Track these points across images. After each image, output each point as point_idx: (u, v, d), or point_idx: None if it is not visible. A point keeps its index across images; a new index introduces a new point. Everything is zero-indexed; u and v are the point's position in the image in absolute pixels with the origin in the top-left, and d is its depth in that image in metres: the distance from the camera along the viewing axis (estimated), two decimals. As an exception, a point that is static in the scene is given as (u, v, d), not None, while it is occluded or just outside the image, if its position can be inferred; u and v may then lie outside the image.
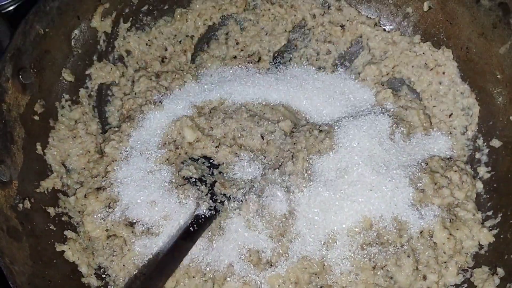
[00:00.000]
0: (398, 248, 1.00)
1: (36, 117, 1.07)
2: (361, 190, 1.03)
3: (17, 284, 0.83)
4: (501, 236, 1.02)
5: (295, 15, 1.32)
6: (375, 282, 0.99)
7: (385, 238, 1.01)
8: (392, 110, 1.19)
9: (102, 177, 1.10)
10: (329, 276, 0.99)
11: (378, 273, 1.00)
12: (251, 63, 1.29)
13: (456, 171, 1.09)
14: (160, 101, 1.17)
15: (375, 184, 1.04)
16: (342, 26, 1.30)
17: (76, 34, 1.16)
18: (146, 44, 1.29)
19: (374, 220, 1.02)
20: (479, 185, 1.11)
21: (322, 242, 1.00)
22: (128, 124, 1.15)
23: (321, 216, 1.02)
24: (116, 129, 1.16)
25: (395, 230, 1.01)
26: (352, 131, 1.09)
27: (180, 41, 1.29)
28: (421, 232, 1.03)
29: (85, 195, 1.08)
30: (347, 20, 1.30)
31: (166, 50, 1.30)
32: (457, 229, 1.03)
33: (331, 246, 1.00)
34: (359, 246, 1.00)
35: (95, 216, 1.06)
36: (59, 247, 0.99)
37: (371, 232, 1.01)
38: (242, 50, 1.31)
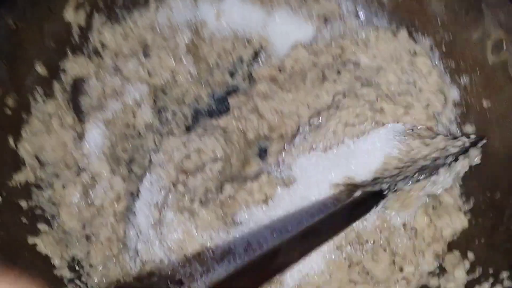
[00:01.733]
0: (374, 243, 1.00)
1: (8, 111, 1.06)
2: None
3: (-16, 277, 0.83)
4: (473, 222, 1.03)
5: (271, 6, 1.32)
6: (350, 278, 0.99)
7: (364, 238, 1.01)
8: None
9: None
10: (298, 277, 0.98)
11: (354, 269, 0.99)
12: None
13: None
14: None
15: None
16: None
17: (49, 27, 1.16)
18: (122, 38, 1.28)
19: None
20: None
21: None
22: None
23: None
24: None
25: (373, 228, 1.01)
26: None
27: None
28: (403, 224, 1.02)
29: (63, 186, 1.09)
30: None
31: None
32: (439, 217, 1.03)
33: None
34: (335, 247, 0.99)
35: (72, 207, 1.07)
36: (31, 240, 0.99)
37: (350, 233, 1.00)
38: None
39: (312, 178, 1.05)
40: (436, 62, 1.19)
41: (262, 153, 1.23)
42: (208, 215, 1.00)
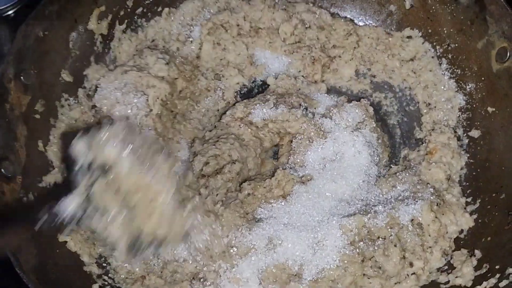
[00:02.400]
0: (385, 239, 1.06)
1: (37, 116, 1.12)
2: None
3: (24, 271, 0.89)
4: (480, 221, 1.08)
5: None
6: (364, 272, 1.04)
7: (376, 235, 1.06)
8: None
9: None
10: (315, 271, 1.03)
11: (367, 264, 1.04)
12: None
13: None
14: None
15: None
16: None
17: (73, 36, 1.21)
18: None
19: (367, 220, 1.06)
20: (462, 172, 1.17)
21: (310, 246, 1.04)
22: None
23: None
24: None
25: (383, 224, 1.05)
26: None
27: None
28: (412, 220, 1.07)
29: None
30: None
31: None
32: (443, 214, 1.08)
33: (318, 248, 1.04)
34: (349, 243, 1.04)
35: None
36: (61, 238, 1.05)
37: (362, 230, 1.06)
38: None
39: (328, 173, 1.11)
40: (443, 70, 1.26)
41: (276, 155, 1.29)
42: (230, 214, 1.05)
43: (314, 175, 1.13)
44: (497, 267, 0.96)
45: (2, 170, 0.99)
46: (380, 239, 1.05)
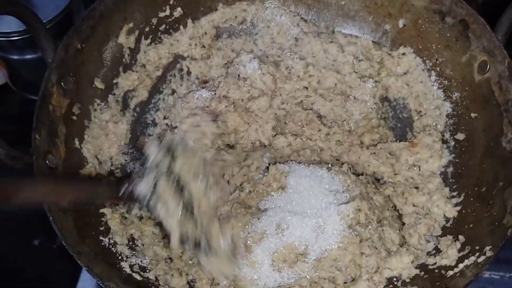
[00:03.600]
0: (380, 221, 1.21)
1: (74, 117, 1.28)
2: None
3: (69, 244, 1.03)
4: (463, 211, 1.22)
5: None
6: (362, 251, 1.17)
7: (371, 218, 1.20)
8: None
9: None
10: (319, 251, 1.16)
11: (364, 244, 1.17)
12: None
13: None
14: None
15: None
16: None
17: (106, 49, 1.38)
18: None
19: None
20: (449, 170, 1.32)
21: (313, 230, 1.17)
22: None
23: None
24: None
25: (381, 209, 1.21)
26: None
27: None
28: None
29: None
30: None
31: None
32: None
33: (320, 231, 1.17)
34: (347, 226, 1.18)
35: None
36: (102, 209, 1.22)
37: (360, 214, 1.20)
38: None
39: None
40: (432, 82, 1.41)
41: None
42: (235, 221, 1.18)
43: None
44: (477, 247, 1.09)
45: (47, 161, 1.14)
46: (375, 222, 1.19)
